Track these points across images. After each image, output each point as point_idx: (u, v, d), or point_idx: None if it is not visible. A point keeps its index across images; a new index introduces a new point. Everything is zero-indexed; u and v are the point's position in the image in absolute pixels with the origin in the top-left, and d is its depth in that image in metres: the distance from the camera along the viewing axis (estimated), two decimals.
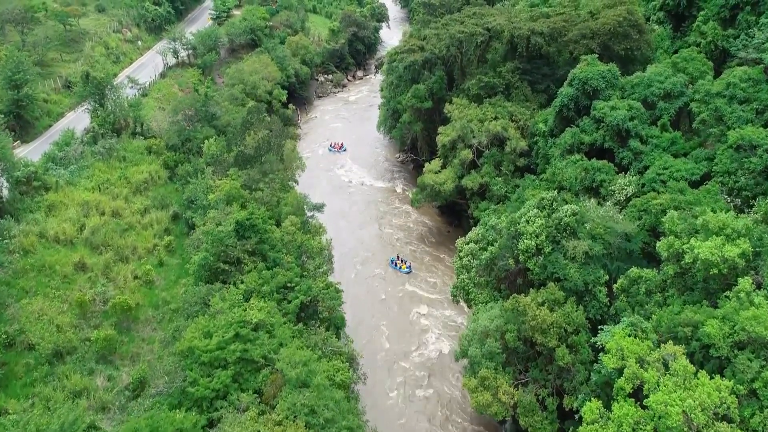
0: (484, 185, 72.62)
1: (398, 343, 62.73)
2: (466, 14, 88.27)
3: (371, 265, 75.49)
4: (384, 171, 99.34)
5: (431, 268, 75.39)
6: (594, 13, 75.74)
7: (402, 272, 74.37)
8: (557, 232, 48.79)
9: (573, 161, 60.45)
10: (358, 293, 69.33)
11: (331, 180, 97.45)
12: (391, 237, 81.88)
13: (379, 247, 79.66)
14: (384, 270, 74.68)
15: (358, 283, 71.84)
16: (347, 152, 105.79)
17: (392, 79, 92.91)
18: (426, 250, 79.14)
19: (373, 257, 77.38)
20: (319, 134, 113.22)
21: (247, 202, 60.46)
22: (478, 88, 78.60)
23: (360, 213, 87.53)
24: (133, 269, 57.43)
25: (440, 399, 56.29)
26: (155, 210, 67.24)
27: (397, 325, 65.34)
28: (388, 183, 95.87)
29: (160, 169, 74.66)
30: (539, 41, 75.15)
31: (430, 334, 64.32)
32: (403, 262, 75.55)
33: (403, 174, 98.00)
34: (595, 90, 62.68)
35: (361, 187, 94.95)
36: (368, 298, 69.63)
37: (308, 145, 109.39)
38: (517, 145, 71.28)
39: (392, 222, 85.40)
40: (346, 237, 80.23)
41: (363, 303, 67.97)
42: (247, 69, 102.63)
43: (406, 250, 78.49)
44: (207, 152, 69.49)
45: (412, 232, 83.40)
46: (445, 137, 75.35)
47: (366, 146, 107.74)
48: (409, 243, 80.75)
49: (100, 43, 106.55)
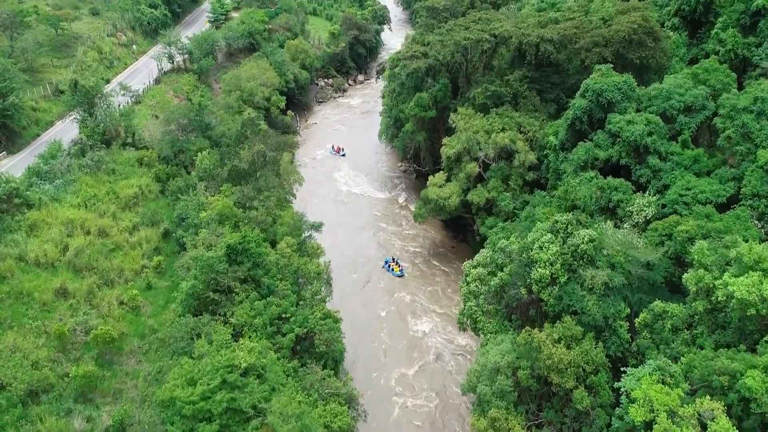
0: (491, 200, 68.56)
1: (400, 365, 58.66)
2: (471, 19, 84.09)
3: (371, 285, 71.45)
4: (385, 180, 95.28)
5: (434, 283, 71.32)
6: (606, 20, 71.56)
7: (394, 275, 71.94)
8: (573, 259, 44.74)
9: (587, 179, 56.35)
10: (356, 309, 65.56)
11: (330, 189, 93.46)
12: (391, 250, 77.82)
13: (378, 261, 75.60)
14: (384, 284, 70.94)
15: (356, 297, 67.98)
16: (347, 158, 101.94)
17: (394, 87, 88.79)
18: (429, 266, 75.05)
19: (372, 272, 73.35)
20: (319, 141, 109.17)
21: (240, 221, 56.48)
22: (485, 98, 74.45)
23: (360, 225, 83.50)
24: (119, 294, 53.38)
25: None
26: (145, 227, 63.18)
27: (398, 346, 61.27)
28: (389, 193, 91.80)
29: (152, 182, 70.64)
30: (549, 49, 70.99)
31: (432, 354, 60.33)
32: (397, 264, 73.31)
33: (406, 184, 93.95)
34: (610, 102, 58.54)
35: (361, 197, 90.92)
36: (367, 314, 65.72)
37: (308, 152, 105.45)
38: (526, 158, 67.18)
39: (393, 235, 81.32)
40: (343, 250, 76.36)
41: (361, 319, 64.16)
42: (244, 75, 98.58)
43: (408, 268, 74.50)
44: (200, 166, 65.47)
45: (415, 246, 79.37)
46: (450, 149, 71.25)
47: (367, 154, 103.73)
48: (412, 258, 76.72)
49: (93, 48, 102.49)
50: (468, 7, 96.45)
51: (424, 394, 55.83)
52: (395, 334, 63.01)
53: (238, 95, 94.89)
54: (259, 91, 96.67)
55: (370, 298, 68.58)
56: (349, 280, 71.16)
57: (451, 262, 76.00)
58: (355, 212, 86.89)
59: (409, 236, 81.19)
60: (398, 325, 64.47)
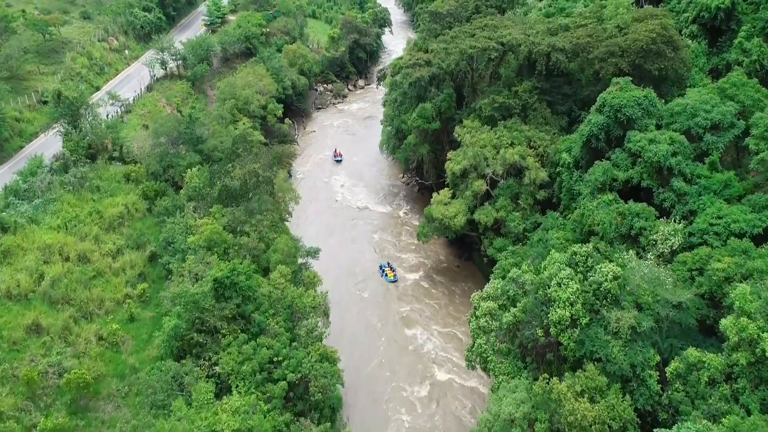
0: (500, 220, 63.88)
1: (403, 405, 54.11)
2: (477, 26, 79.20)
3: (370, 300, 66.85)
4: (386, 193, 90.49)
5: (439, 306, 66.65)
6: (622, 28, 66.67)
7: (387, 280, 70.31)
8: (596, 299, 40.06)
9: (605, 202, 51.59)
10: (355, 331, 61.15)
11: (329, 200, 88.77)
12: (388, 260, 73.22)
13: (379, 281, 70.96)
14: (384, 298, 66.63)
15: (355, 317, 63.46)
16: (346, 167, 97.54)
17: (396, 96, 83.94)
18: (433, 287, 70.37)
19: (371, 287, 68.76)
20: (317, 150, 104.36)
21: (230, 248, 51.76)
22: (492, 110, 69.67)
23: (358, 239, 78.78)
24: (98, 329, 48.60)
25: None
26: (129, 250, 58.40)
27: (401, 381, 56.67)
28: (390, 206, 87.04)
29: (139, 200, 65.74)
30: (561, 59, 66.19)
31: (439, 390, 55.78)
32: (391, 269, 71.24)
33: (407, 196, 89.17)
34: (629, 119, 53.78)
35: (360, 211, 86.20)
36: (366, 338, 61.26)
37: (306, 161, 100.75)
38: (537, 176, 62.46)
39: (395, 252, 76.60)
40: (341, 264, 72.00)
41: (360, 344, 59.72)
42: (239, 82, 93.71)
43: (408, 287, 69.91)
44: (188, 184, 60.67)
45: (417, 265, 74.65)
46: (456, 165, 66.48)
47: (367, 163, 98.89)
48: (414, 276, 72.06)
49: (83, 54, 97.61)
50: (473, 12, 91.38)
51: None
52: (398, 366, 58.43)
53: (233, 104, 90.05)
54: (255, 100, 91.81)
55: (369, 316, 64.06)
56: (348, 296, 66.68)
57: (456, 282, 71.34)
58: (354, 225, 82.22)
59: (411, 252, 76.48)
60: (400, 352, 59.89)
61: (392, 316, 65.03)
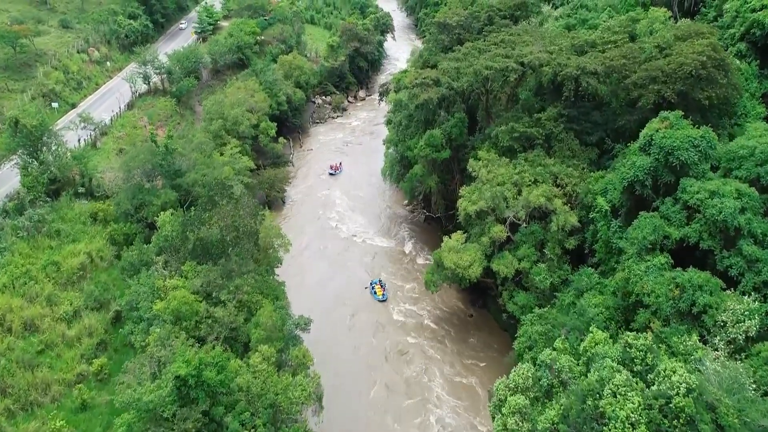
0: (522, 271, 54.25)
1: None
2: (491, 41, 69.29)
3: (372, 366, 57.33)
4: (389, 224, 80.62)
5: (449, 363, 57.06)
6: (663, 48, 56.66)
7: (376, 298, 65.86)
8: (664, 418, 30.38)
9: (657, 267, 41.82)
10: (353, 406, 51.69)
11: (324, 230, 78.96)
12: (394, 319, 63.62)
13: (380, 336, 61.44)
14: (393, 360, 57.00)
15: (352, 391, 53.94)
16: (344, 188, 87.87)
17: (401, 119, 73.99)
18: (441, 341, 60.75)
19: (372, 355, 59.18)
20: (314, 170, 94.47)
21: (202, 322, 42.10)
22: (511, 139, 59.87)
23: (355, 282, 68.96)
24: (38, 427, 39.05)
25: None
26: (89, 312, 48.91)
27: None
28: (393, 240, 77.17)
29: (105, 245, 56.25)
30: (592, 84, 56.31)
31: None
32: (382, 287, 66.79)
33: (413, 227, 79.24)
34: (682, 164, 44.01)
35: (360, 244, 76.43)
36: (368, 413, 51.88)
37: (301, 181, 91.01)
38: (566, 221, 52.72)
39: (400, 298, 66.95)
40: (334, 312, 62.48)
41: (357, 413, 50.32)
42: (228, 101, 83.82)
43: (411, 339, 60.49)
44: (160, 232, 50.96)
45: (423, 312, 64.93)
46: (471, 205, 56.66)
47: (368, 186, 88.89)
48: (419, 328, 62.44)
49: (58, 67, 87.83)
50: (485, 23, 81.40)
51: None
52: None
53: (221, 125, 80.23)
54: (245, 120, 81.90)
55: (371, 377, 54.52)
56: (347, 351, 57.16)
57: (467, 332, 61.81)
58: (352, 261, 72.43)
59: (416, 295, 66.76)
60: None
61: (398, 385, 55.43)
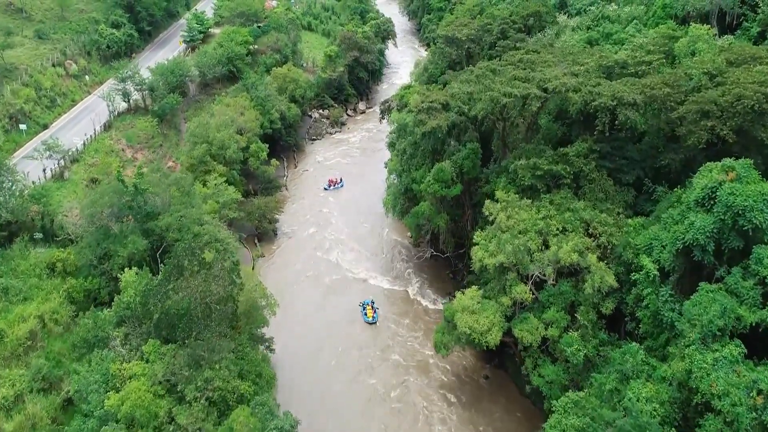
0: (549, 339, 45.58)
1: None
2: (508, 61, 60.36)
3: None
4: (391, 259, 71.64)
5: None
6: (714, 75, 47.74)
7: (365, 320, 60.90)
8: None
9: (728, 360, 33.12)
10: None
11: (318, 266, 70.11)
12: (394, 382, 54.95)
13: (376, 402, 52.83)
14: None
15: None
16: (343, 214, 79.21)
17: (405, 146, 65.00)
18: (451, 405, 52.10)
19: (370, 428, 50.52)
20: (309, 194, 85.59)
21: (162, 428, 33.38)
22: (533, 177, 51.06)
23: (349, 333, 60.12)
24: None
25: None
26: (34, 397, 40.07)
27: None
28: (395, 281, 67.92)
29: (62, 305, 47.41)
30: (631, 117, 47.41)
31: None
32: (373, 309, 61.70)
33: (419, 267, 70.05)
34: (755, 227, 35.26)
35: (359, 282, 67.64)
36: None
37: (294, 206, 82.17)
38: (603, 282, 43.95)
39: (401, 353, 58.23)
40: (331, 378, 53.74)
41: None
42: (214, 122, 74.93)
43: (417, 401, 51.84)
44: (121, 298, 42.16)
45: (431, 376, 56.02)
46: (489, 258, 47.81)
47: (369, 214, 79.55)
48: (424, 390, 53.79)
49: (30, 83, 78.84)
50: (498, 37, 72.51)
51: None
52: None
53: (206, 149, 71.46)
54: (233, 143, 73.07)
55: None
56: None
57: (481, 397, 53.27)
58: (342, 305, 63.58)
59: (421, 359, 57.84)
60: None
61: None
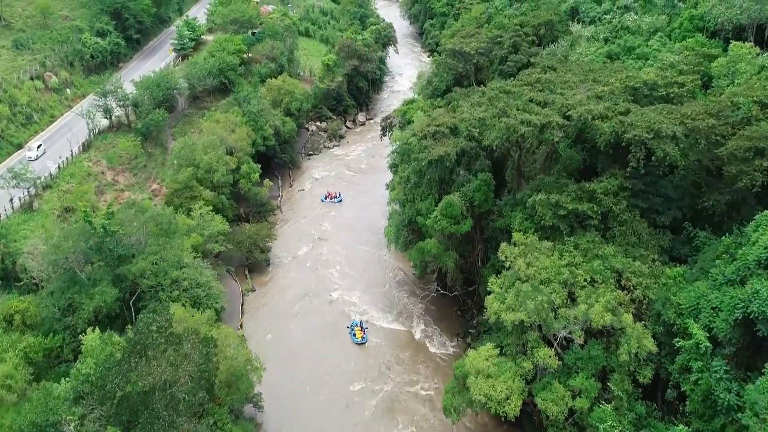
0: (576, 411, 39.10)
1: None
2: (524, 81, 53.82)
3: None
4: (394, 294, 64.82)
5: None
6: (766, 104, 41.13)
7: (354, 340, 57.26)
8: None
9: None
10: None
11: (313, 302, 63.50)
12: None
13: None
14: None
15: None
16: (342, 240, 72.76)
17: (408, 174, 58.32)
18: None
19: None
20: (305, 215, 78.99)
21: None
22: (555, 217, 44.55)
23: (349, 385, 53.57)
24: None
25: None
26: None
27: None
28: (397, 320, 61.08)
29: (18, 367, 40.89)
30: (670, 153, 40.78)
31: None
32: (362, 329, 58.18)
33: (424, 302, 63.20)
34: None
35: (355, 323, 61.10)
36: None
37: (289, 231, 75.61)
38: (641, 347, 37.46)
39: (406, 406, 51.79)
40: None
41: None
42: (201, 142, 68.33)
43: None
44: (80, 368, 35.64)
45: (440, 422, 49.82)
46: (508, 314, 41.24)
47: (369, 242, 72.70)
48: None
49: (4, 99, 72.25)
50: (509, 50, 65.90)
51: None
52: None
53: (191, 173, 64.87)
54: (221, 166, 66.49)
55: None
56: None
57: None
58: (341, 351, 57.04)
59: (426, 412, 51.36)
60: None
61: None
